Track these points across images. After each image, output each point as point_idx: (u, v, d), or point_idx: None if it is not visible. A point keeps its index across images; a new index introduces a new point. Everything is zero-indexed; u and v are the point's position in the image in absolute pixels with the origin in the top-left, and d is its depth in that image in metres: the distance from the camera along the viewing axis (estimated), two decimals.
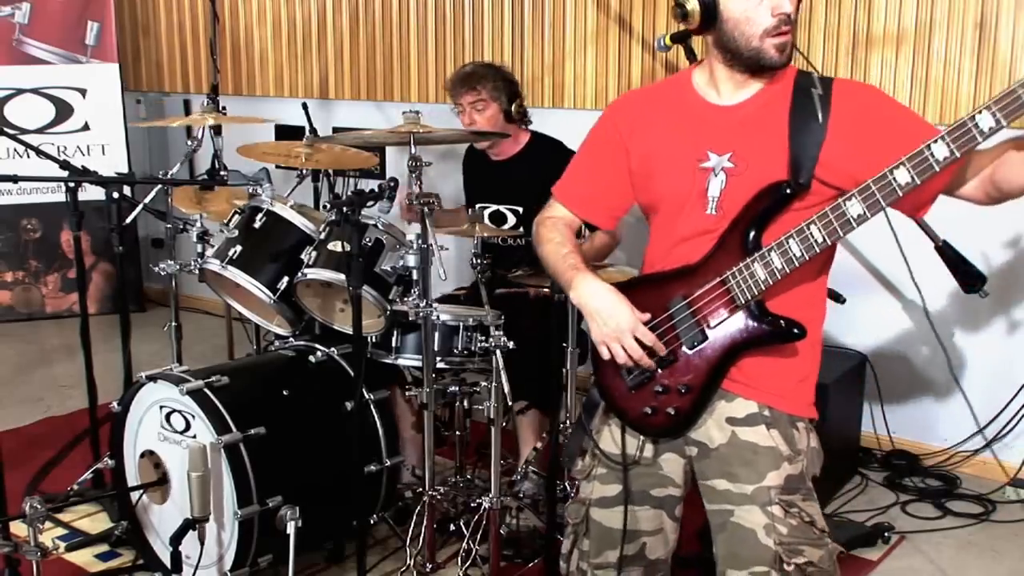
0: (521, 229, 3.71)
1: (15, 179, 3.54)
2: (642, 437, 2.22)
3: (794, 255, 1.99)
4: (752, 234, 2.04)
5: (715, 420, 2.14)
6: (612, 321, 2.12)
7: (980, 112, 1.80)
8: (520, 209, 3.77)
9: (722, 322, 2.08)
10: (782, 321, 2.05)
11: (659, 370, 2.15)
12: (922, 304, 4.06)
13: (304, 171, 4.16)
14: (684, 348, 2.12)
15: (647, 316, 2.12)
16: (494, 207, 3.82)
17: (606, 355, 2.15)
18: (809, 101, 2.05)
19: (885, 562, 3.44)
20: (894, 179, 1.87)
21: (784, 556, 2.05)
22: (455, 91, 3.78)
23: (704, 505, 2.19)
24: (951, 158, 1.83)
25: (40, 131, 6.05)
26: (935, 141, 1.83)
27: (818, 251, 1.98)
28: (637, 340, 2.10)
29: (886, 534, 3.52)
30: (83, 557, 3.40)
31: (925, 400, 4.17)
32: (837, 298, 2.18)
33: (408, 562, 3.14)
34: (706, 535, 2.22)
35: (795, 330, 2.04)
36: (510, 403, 3.09)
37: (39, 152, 3.73)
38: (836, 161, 2.00)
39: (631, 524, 2.23)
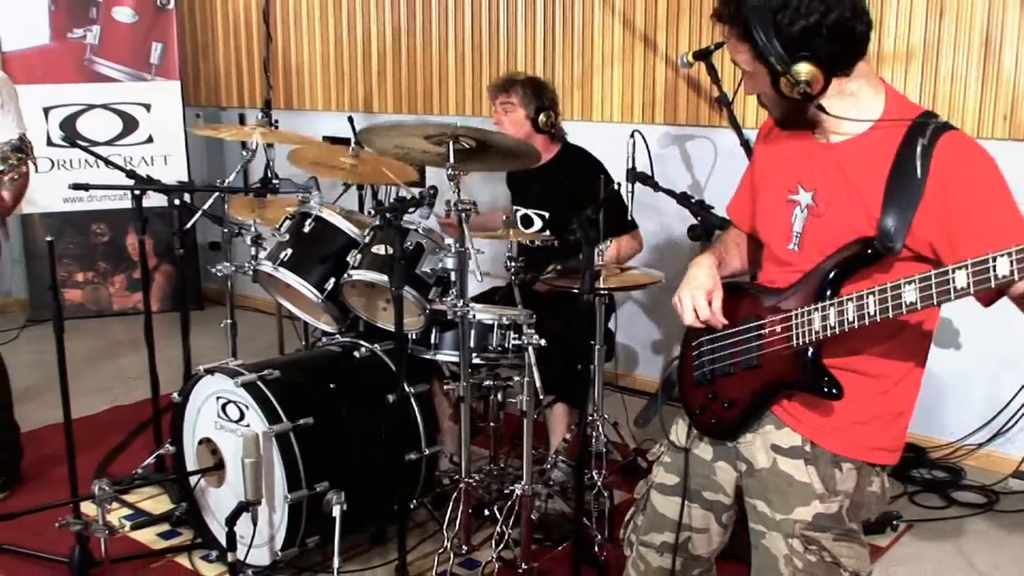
0: (547, 232, 3.71)
1: (87, 187, 3.56)
2: (694, 431, 2.18)
3: (847, 319, 1.83)
4: (831, 282, 1.89)
5: (763, 443, 2.06)
6: (693, 281, 2.10)
7: None
8: (546, 214, 3.76)
9: (775, 355, 1.98)
10: (819, 374, 1.91)
11: (718, 376, 2.10)
12: None
13: (349, 183, 4.18)
14: (740, 365, 2.06)
15: (725, 321, 2.07)
16: (523, 211, 3.82)
17: (678, 308, 2.10)
18: (911, 153, 1.82)
19: (893, 548, 3.40)
20: (953, 280, 1.64)
21: None
22: (491, 90, 3.84)
23: (749, 523, 2.12)
24: (1010, 279, 1.58)
25: (109, 143, 6.10)
26: (1000, 256, 1.57)
27: (867, 323, 1.79)
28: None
29: (894, 522, 3.48)
30: (146, 535, 3.42)
31: (932, 395, 4.11)
32: None
33: (445, 544, 3.13)
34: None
35: (829, 390, 1.90)
36: (541, 397, 3.08)
37: (108, 163, 3.76)
38: (927, 228, 1.79)
39: (682, 517, 2.19)
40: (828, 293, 1.89)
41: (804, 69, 1.81)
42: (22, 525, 3.21)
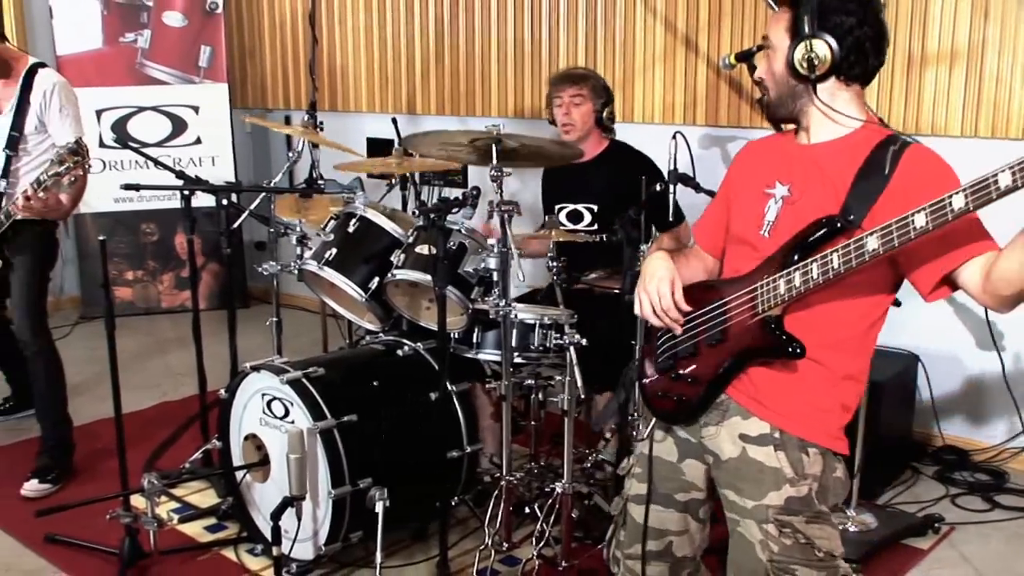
0: (596, 226, 3.70)
1: (138, 187, 3.62)
2: (652, 423, 2.27)
3: (812, 276, 1.96)
4: (796, 257, 2.01)
5: (729, 434, 2.13)
6: (649, 272, 2.19)
7: (1002, 171, 1.69)
8: (596, 208, 3.75)
9: (741, 327, 2.09)
10: (784, 337, 2.02)
11: (681, 358, 2.18)
12: (974, 305, 3.96)
13: (393, 180, 4.21)
14: (704, 343, 2.15)
15: (688, 308, 2.15)
16: (571, 206, 3.80)
17: (636, 307, 2.21)
18: (883, 155, 2.00)
19: (935, 551, 3.35)
20: (912, 222, 1.80)
21: (773, 573, 2.03)
22: (560, 84, 3.79)
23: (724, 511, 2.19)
24: (965, 210, 1.75)
25: (158, 145, 6.18)
26: (955, 193, 1.75)
27: (832, 277, 1.94)
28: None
29: (936, 525, 3.43)
30: (193, 528, 3.46)
31: (975, 398, 4.06)
32: (895, 303, 2.13)
33: (487, 541, 3.14)
34: None
35: (792, 348, 2.01)
36: (582, 396, 3.08)
37: (158, 163, 3.81)
38: (887, 214, 1.91)
39: (660, 523, 2.26)
40: (793, 263, 2.01)
41: (821, 48, 2.02)
42: (74, 517, 3.25)
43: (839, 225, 1.98)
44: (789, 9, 2.07)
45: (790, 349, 2.01)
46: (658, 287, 2.16)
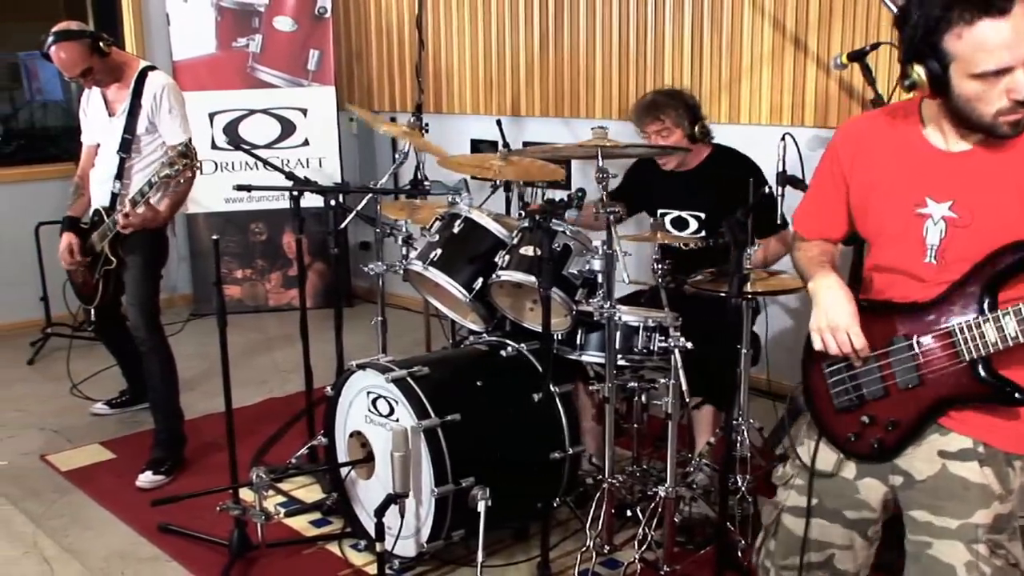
0: (703, 233, 3.65)
1: (249, 188, 3.70)
2: (840, 455, 2.11)
3: None
4: (988, 290, 1.88)
5: (925, 452, 2.00)
6: (832, 312, 2.03)
7: None
8: (703, 215, 3.69)
9: (941, 372, 1.94)
10: (1003, 385, 1.89)
11: (869, 400, 2.04)
12: None
13: (497, 182, 4.22)
14: (898, 387, 2.00)
15: (867, 347, 2.01)
16: (676, 213, 3.75)
17: (817, 344, 2.05)
18: None
19: None
20: None
21: None
22: (640, 120, 3.68)
23: (906, 534, 2.04)
24: None
25: (268, 146, 6.32)
26: None
27: None
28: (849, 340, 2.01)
29: None
30: (299, 523, 3.51)
31: None
32: None
33: (588, 543, 3.12)
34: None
35: (1017, 395, 1.88)
36: (687, 400, 3.04)
37: (269, 165, 3.89)
38: None
39: (822, 536, 2.14)
40: (987, 302, 1.86)
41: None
42: (184, 508, 3.34)
43: None
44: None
45: (1017, 396, 1.88)
46: (836, 334, 2.01)
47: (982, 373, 1.90)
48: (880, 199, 2.05)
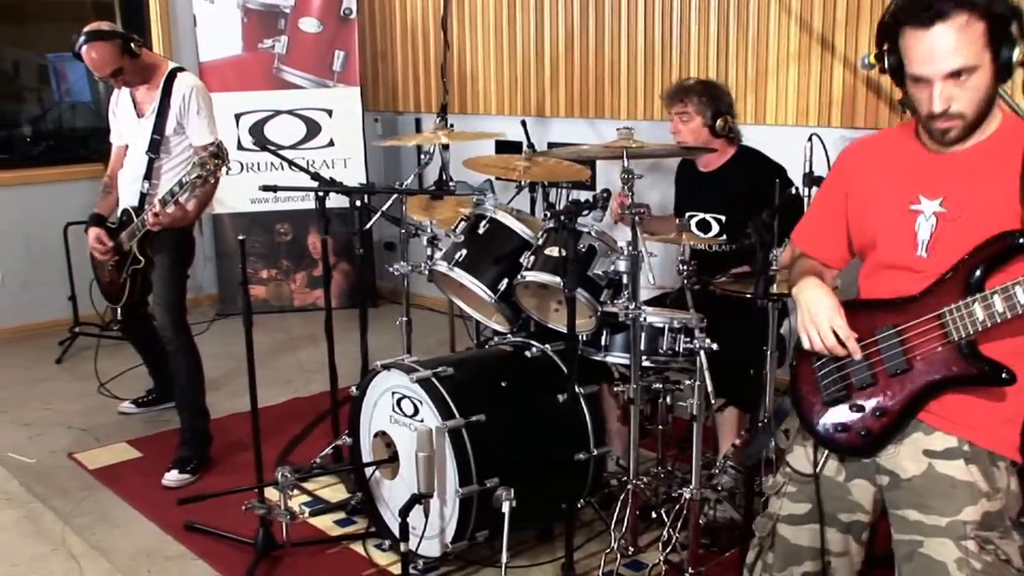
0: (724, 236, 3.64)
1: (275, 189, 3.73)
2: (826, 452, 2.14)
3: (1018, 302, 1.87)
4: (977, 275, 1.94)
5: (910, 451, 2.04)
6: (814, 308, 2.11)
7: None
8: (723, 218, 3.68)
9: (930, 355, 2.00)
10: (992, 364, 1.94)
11: (857, 389, 2.08)
12: None
13: (522, 183, 4.22)
14: (886, 373, 2.05)
15: (854, 335, 2.06)
16: (700, 215, 3.75)
17: (806, 342, 2.12)
18: None
19: None
20: None
21: None
22: (667, 101, 3.74)
23: (892, 534, 2.08)
24: None
25: (293, 147, 6.35)
26: None
27: None
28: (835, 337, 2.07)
29: None
30: (324, 522, 3.53)
31: None
32: None
33: (612, 545, 3.12)
34: None
35: (1004, 375, 1.94)
36: (713, 401, 3.03)
37: (294, 165, 3.90)
38: None
39: (818, 543, 2.16)
40: (977, 285, 1.94)
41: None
42: (209, 506, 3.35)
43: (1021, 241, 1.90)
44: (979, 21, 1.89)
45: (1003, 376, 1.94)
46: (820, 330, 2.08)
47: (969, 354, 1.96)
48: (877, 200, 2.14)
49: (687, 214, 3.77)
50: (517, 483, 2.99)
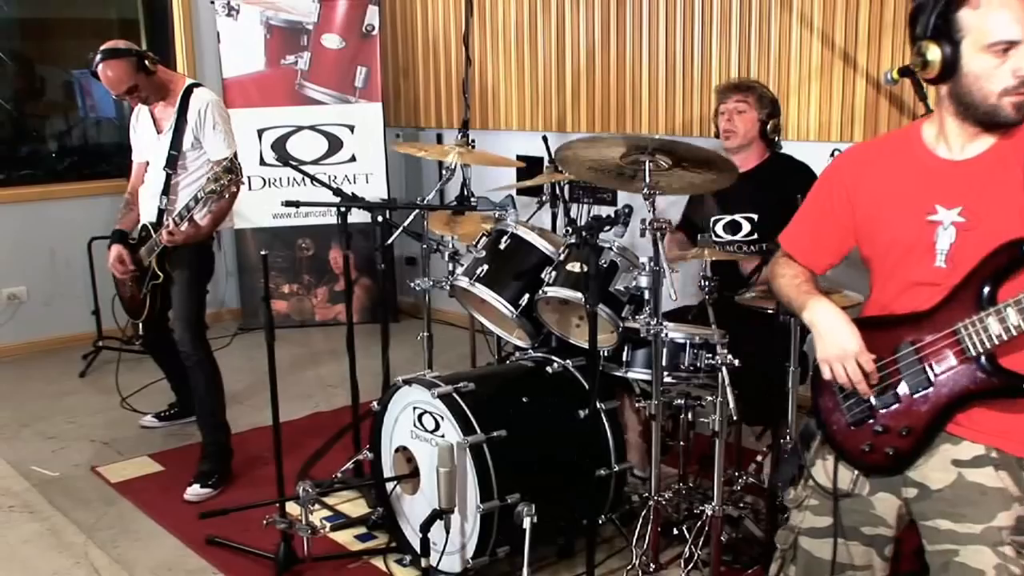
0: (756, 236, 3.64)
1: (298, 204, 3.75)
2: (856, 472, 2.12)
3: None
4: (987, 289, 1.93)
5: (938, 462, 2.02)
6: (839, 341, 2.07)
7: None
8: (755, 217, 3.68)
9: (950, 371, 1.99)
10: (1013, 377, 1.93)
11: (881, 410, 2.06)
12: None
13: (544, 198, 4.23)
14: (908, 392, 2.03)
15: (873, 356, 2.05)
16: (728, 217, 3.74)
17: (827, 374, 2.09)
18: None
19: None
20: None
21: None
22: (726, 92, 3.78)
23: (925, 546, 2.06)
24: None
25: (315, 162, 6.39)
26: None
27: None
28: (859, 366, 2.04)
29: None
30: (344, 537, 3.53)
31: None
32: None
33: (633, 561, 3.11)
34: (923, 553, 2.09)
35: None
36: (735, 417, 3.02)
37: (317, 181, 3.93)
38: None
39: (841, 557, 2.14)
40: (987, 299, 1.93)
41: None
42: (231, 521, 3.38)
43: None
44: None
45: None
46: (845, 360, 2.05)
47: (989, 367, 1.94)
48: (891, 211, 2.10)
49: (713, 218, 3.76)
50: (538, 499, 2.97)
